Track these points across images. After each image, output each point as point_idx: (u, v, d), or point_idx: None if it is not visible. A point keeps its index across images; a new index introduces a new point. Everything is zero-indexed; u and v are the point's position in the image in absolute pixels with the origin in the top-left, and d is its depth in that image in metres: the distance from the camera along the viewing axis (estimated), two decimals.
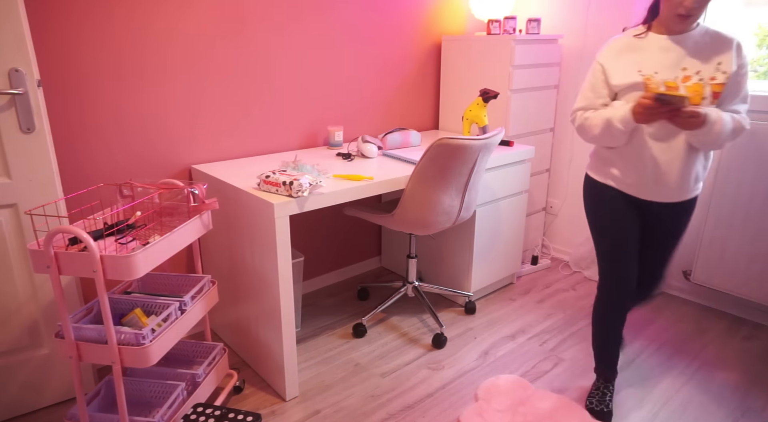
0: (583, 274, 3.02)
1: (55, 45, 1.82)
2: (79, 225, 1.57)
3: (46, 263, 1.39)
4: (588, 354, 2.25)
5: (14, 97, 1.60)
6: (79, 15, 1.84)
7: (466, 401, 1.95)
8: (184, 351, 1.99)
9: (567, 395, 1.99)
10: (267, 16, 2.29)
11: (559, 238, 3.28)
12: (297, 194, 1.74)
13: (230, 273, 2.12)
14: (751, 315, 2.56)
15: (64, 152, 1.92)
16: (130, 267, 1.37)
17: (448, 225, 2.19)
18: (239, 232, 1.97)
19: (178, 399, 1.67)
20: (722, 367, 2.17)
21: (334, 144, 2.56)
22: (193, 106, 2.18)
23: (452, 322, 2.50)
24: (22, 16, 1.56)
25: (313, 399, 1.97)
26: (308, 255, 2.78)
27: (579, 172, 3.09)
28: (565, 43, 2.98)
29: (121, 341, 1.47)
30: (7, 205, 1.67)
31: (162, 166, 2.16)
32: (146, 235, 1.62)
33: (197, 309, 1.73)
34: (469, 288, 2.58)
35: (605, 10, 2.78)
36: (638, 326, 2.48)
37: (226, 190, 1.98)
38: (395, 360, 2.20)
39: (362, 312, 2.60)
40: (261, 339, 2.01)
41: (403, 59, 2.85)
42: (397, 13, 2.75)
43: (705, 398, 1.98)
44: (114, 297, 1.70)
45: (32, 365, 1.83)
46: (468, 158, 2.00)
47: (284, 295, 1.82)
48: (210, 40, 2.16)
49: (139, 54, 2.00)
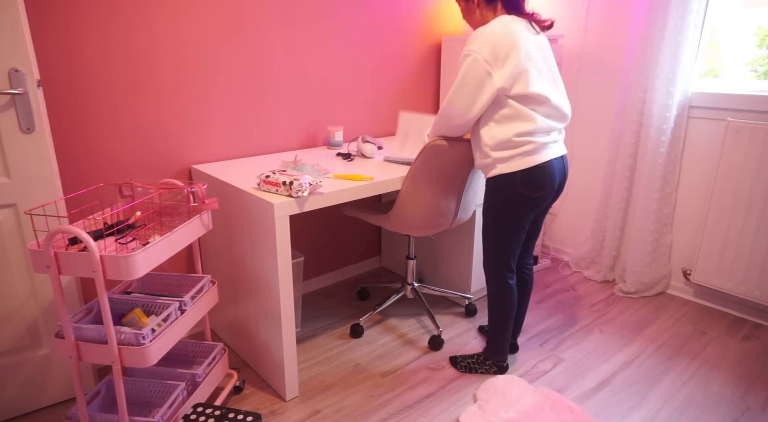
0: (583, 274, 3.02)
1: (55, 45, 1.82)
2: (79, 225, 1.57)
3: (46, 263, 1.39)
4: (588, 354, 2.25)
5: (14, 97, 1.60)
6: (79, 15, 1.84)
7: (466, 401, 1.95)
8: (184, 351, 1.99)
9: (567, 395, 1.99)
10: (267, 16, 2.29)
11: (559, 238, 3.28)
12: (297, 194, 1.74)
13: (230, 273, 2.12)
14: (751, 315, 2.56)
15: (64, 152, 1.92)
16: (130, 267, 1.37)
17: (445, 226, 2.19)
18: (239, 232, 1.97)
19: (178, 399, 1.67)
20: (722, 367, 2.17)
21: (334, 144, 2.56)
22: (193, 106, 2.18)
23: (452, 323, 2.50)
24: (22, 16, 1.56)
25: (313, 399, 1.97)
26: (308, 255, 2.78)
27: (579, 172, 3.09)
28: (565, 43, 2.98)
29: (121, 341, 1.47)
30: (7, 205, 1.67)
31: (162, 166, 2.16)
32: (146, 235, 1.62)
33: (197, 309, 1.73)
34: (470, 290, 2.58)
35: (605, 10, 2.78)
36: (638, 326, 2.48)
37: (226, 190, 1.98)
38: (395, 360, 2.20)
39: (362, 312, 2.60)
40: (261, 339, 2.01)
41: (403, 59, 2.85)
42: (397, 13, 2.75)
43: (705, 398, 1.98)
44: (114, 297, 1.70)
45: (32, 365, 1.83)
46: (463, 159, 2.00)
47: (284, 295, 1.82)
48: (211, 40, 2.16)
49: (140, 54, 2.00)
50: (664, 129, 2.52)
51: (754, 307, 2.54)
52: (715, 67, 2.57)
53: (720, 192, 2.44)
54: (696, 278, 2.60)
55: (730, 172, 2.39)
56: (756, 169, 2.32)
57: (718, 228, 2.47)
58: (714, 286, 2.55)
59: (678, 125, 2.55)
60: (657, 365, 2.18)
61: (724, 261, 2.48)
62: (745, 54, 2.47)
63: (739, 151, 2.35)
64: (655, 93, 2.50)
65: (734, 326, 2.49)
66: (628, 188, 2.75)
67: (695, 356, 2.25)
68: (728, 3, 2.47)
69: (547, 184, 1.78)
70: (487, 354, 2.10)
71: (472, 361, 2.11)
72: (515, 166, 1.75)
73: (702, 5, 2.39)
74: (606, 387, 2.03)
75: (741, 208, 2.39)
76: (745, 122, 2.32)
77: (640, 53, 2.54)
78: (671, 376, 2.11)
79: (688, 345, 2.33)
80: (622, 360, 2.22)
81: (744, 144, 2.33)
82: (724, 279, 2.50)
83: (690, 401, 1.96)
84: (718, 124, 2.49)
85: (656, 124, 2.53)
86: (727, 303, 2.63)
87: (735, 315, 2.59)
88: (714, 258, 2.51)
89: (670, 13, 2.38)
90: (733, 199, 2.41)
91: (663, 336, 2.40)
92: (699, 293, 2.72)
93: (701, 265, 2.56)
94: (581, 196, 3.11)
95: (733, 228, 2.43)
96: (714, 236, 2.49)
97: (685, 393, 2.01)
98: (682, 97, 2.52)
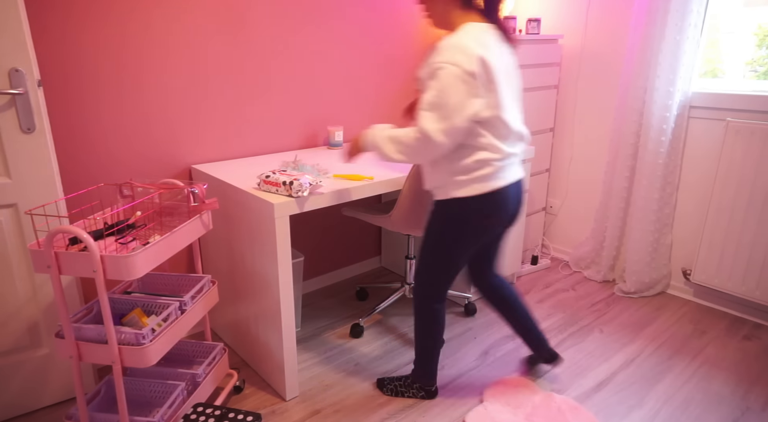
0: (583, 274, 3.02)
1: (55, 45, 1.82)
2: (79, 225, 1.57)
3: (47, 263, 1.39)
4: (588, 354, 2.25)
5: (14, 97, 1.60)
6: (79, 15, 1.84)
7: (466, 401, 1.95)
8: (184, 351, 1.99)
9: (567, 395, 1.99)
10: (267, 15, 2.29)
11: (559, 238, 3.28)
12: (297, 194, 1.74)
13: (230, 273, 2.12)
14: (751, 315, 2.56)
15: (64, 152, 1.92)
16: (130, 267, 1.37)
17: None
18: (239, 232, 1.97)
19: (178, 399, 1.67)
20: (722, 367, 2.17)
21: (334, 144, 2.56)
22: (193, 106, 2.18)
23: (452, 322, 2.50)
24: (22, 16, 1.56)
25: (313, 399, 1.97)
26: (308, 255, 2.78)
27: (579, 172, 3.09)
28: (565, 43, 2.98)
29: (121, 341, 1.47)
30: (7, 205, 1.67)
31: (162, 166, 2.16)
32: (146, 235, 1.62)
33: (197, 309, 1.73)
34: (469, 289, 2.58)
35: (605, 10, 2.78)
36: (638, 326, 2.48)
37: (226, 189, 1.98)
38: (395, 360, 2.20)
39: (362, 312, 2.60)
40: (261, 339, 2.01)
41: (403, 59, 2.85)
42: (397, 13, 2.75)
43: (705, 397, 1.98)
44: (114, 297, 1.70)
45: (32, 365, 1.83)
46: None
47: (284, 295, 1.82)
48: (210, 40, 2.16)
49: (140, 54, 2.00)
50: (664, 129, 2.52)
51: (754, 307, 2.54)
52: (715, 67, 2.57)
53: (720, 192, 2.44)
54: (696, 278, 2.60)
55: (730, 171, 2.39)
56: (756, 169, 2.32)
57: (718, 228, 2.47)
58: (714, 286, 2.55)
59: (678, 125, 2.55)
60: (657, 365, 2.18)
61: (724, 261, 2.48)
62: (745, 54, 2.47)
63: (738, 151, 2.35)
64: (655, 93, 2.50)
65: (734, 326, 2.49)
66: (628, 188, 2.75)
67: (695, 356, 2.25)
68: (728, 3, 2.47)
69: (501, 211, 1.66)
70: (414, 378, 1.96)
71: (399, 384, 1.97)
72: (470, 191, 1.60)
73: (702, 5, 2.39)
74: (606, 387, 2.03)
75: (741, 207, 2.39)
76: (745, 122, 2.32)
77: (640, 53, 2.54)
78: (671, 376, 2.11)
79: (688, 344, 2.33)
80: (622, 359, 2.22)
81: (744, 144, 2.33)
82: (724, 279, 2.50)
83: (690, 401, 1.96)
84: (718, 124, 2.50)
85: (656, 123, 2.53)
86: (727, 303, 2.63)
87: (735, 315, 2.59)
88: (714, 258, 2.51)
89: (670, 12, 2.38)
90: (733, 198, 2.41)
91: (663, 335, 2.40)
92: (699, 293, 2.72)
93: (701, 265, 2.56)
94: (581, 196, 3.11)
95: (733, 228, 2.43)
96: (714, 236, 2.50)
97: (685, 393, 2.01)
98: (682, 97, 2.52)
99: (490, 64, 1.48)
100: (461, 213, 1.65)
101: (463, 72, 1.45)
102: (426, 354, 1.90)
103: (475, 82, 1.47)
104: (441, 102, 1.47)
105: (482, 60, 1.47)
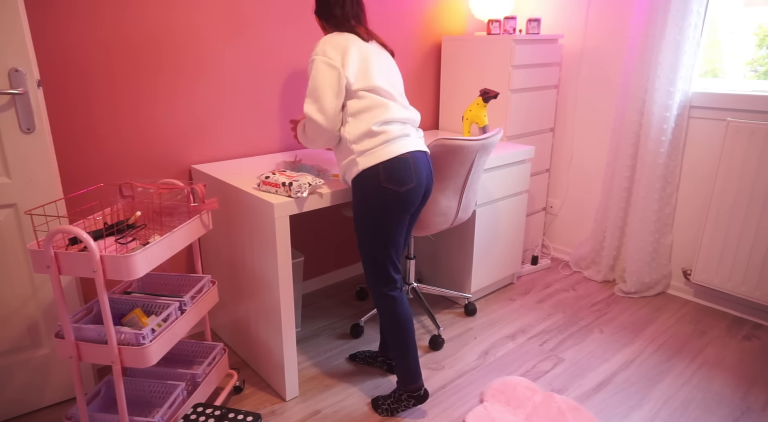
0: (583, 274, 3.02)
1: (55, 45, 1.82)
2: (79, 225, 1.57)
3: (46, 263, 1.39)
4: (588, 354, 2.25)
5: (14, 97, 1.60)
6: (79, 15, 1.84)
7: (466, 401, 1.95)
8: (184, 351, 1.99)
9: (567, 395, 1.99)
10: (268, 15, 2.29)
11: (559, 238, 3.28)
12: (296, 195, 1.74)
13: (230, 273, 2.12)
14: (751, 315, 2.56)
15: (64, 152, 1.92)
16: (130, 267, 1.37)
17: (445, 226, 2.19)
18: (239, 232, 1.97)
19: (178, 399, 1.67)
20: (722, 367, 2.17)
21: None
22: (193, 106, 2.18)
23: (452, 322, 2.50)
24: (22, 16, 1.56)
25: (313, 399, 1.97)
26: (308, 255, 2.78)
27: (579, 172, 3.09)
28: (565, 43, 2.98)
29: (121, 341, 1.47)
30: (7, 205, 1.67)
31: (162, 166, 2.16)
32: (146, 235, 1.62)
33: (197, 309, 1.73)
34: (470, 289, 2.58)
35: (605, 10, 2.78)
36: (638, 326, 2.48)
37: (226, 190, 1.98)
38: None
39: (362, 312, 2.60)
40: (261, 339, 2.01)
41: (403, 59, 2.85)
42: (397, 13, 2.75)
43: (705, 398, 1.98)
44: (114, 297, 1.70)
45: (32, 365, 1.83)
46: (465, 159, 2.00)
47: (284, 295, 1.82)
48: (211, 40, 2.16)
49: (140, 54, 2.00)
50: (664, 129, 2.52)
51: (754, 307, 2.54)
52: (715, 67, 2.57)
53: (720, 192, 2.44)
54: (696, 278, 2.60)
55: (731, 171, 2.39)
56: (756, 169, 2.32)
57: (719, 228, 2.47)
58: (714, 286, 2.55)
59: (678, 125, 2.55)
60: (657, 365, 2.18)
61: (725, 261, 2.48)
62: (746, 54, 2.47)
63: (739, 151, 2.35)
64: (656, 93, 2.50)
65: (734, 326, 2.49)
66: (628, 188, 2.75)
67: (695, 356, 2.25)
68: (728, 3, 2.47)
69: (413, 176, 1.70)
70: (400, 387, 1.88)
71: (391, 402, 1.88)
72: (377, 158, 1.68)
73: (702, 5, 2.39)
74: (606, 387, 2.03)
75: (741, 207, 2.39)
76: (745, 122, 2.32)
77: (640, 53, 2.54)
78: (671, 376, 2.11)
79: (688, 345, 2.33)
80: (622, 360, 2.22)
81: (744, 144, 2.33)
82: (724, 279, 2.50)
83: (690, 401, 1.96)
84: (719, 124, 2.49)
85: (656, 123, 2.53)
86: (727, 303, 2.63)
87: (735, 315, 2.59)
88: (714, 258, 2.51)
89: (670, 12, 2.38)
90: (733, 198, 2.41)
91: (663, 336, 2.40)
92: (699, 293, 2.72)
93: (701, 265, 2.56)
94: (581, 196, 3.11)
95: (733, 228, 2.43)
96: (714, 236, 2.49)
97: (685, 393, 2.01)
98: (682, 96, 2.52)
99: (353, 44, 1.72)
100: (375, 184, 1.70)
101: (328, 57, 1.70)
102: (399, 348, 1.83)
103: (339, 59, 1.70)
104: (312, 86, 1.72)
105: (344, 42, 1.72)
